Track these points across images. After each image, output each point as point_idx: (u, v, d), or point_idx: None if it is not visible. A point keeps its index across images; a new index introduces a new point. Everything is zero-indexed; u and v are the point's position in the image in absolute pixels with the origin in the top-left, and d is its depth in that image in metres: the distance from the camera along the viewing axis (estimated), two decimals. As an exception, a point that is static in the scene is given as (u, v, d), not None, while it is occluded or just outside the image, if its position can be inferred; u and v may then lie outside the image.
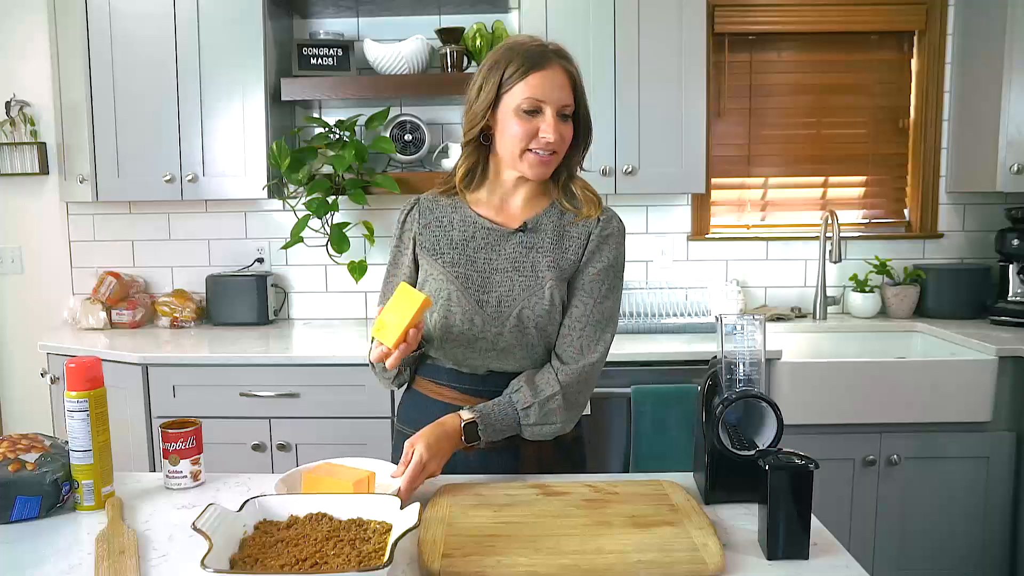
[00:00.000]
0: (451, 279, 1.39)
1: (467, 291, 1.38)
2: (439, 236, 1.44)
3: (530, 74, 1.32)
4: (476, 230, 1.43)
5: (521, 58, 1.33)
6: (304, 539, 1.03)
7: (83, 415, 1.22)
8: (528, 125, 1.33)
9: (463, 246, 1.42)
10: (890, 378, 2.36)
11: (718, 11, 2.87)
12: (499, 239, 1.41)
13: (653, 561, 1.02)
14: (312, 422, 2.41)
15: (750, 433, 1.19)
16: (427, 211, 1.47)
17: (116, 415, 1.40)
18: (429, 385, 1.47)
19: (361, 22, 2.90)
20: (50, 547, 1.11)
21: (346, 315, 3.03)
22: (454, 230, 1.44)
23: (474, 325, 1.38)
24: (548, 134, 1.32)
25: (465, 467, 1.39)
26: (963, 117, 2.86)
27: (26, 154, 2.97)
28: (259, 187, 2.65)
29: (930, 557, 2.44)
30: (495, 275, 1.39)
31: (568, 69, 1.35)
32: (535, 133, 1.33)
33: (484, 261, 1.40)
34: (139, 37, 2.61)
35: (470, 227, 1.43)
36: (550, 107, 1.33)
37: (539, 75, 1.32)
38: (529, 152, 1.35)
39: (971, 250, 2.99)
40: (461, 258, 1.41)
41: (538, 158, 1.35)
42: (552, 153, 1.35)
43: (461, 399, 1.42)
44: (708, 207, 3.00)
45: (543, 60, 1.33)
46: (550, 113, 1.33)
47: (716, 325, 1.20)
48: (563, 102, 1.34)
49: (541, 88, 1.32)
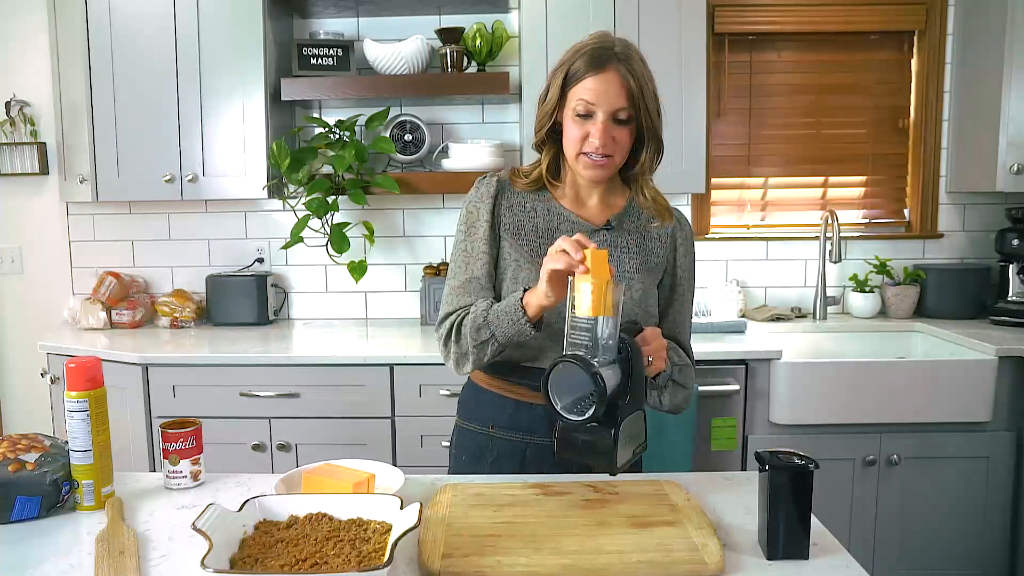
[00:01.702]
0: (534, 266, 1.36)
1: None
2: (523, 221, 1.42)
3: (586, 77, 1.32)
4: (561, 221, 1.42)
5: (582, 60, 1.33)
6: (304, 539, 1.03)
7: (83, 415, 1.22)
8: (581, 128, 1.33)
9: (548, 235, 1.40)
10: (890, 378, 2.36)
11: (718, 11, 2.87)
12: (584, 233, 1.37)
13: (653, 561, 1.02)
14: (312, 422, 2.41)
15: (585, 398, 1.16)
16: (509, 192, 1.44)
17: (116, 415, 1.40)
18: (497, 382, 1.44)
19: (361, 22, 2.90)
20: (50, 547, 1.10)
21: (346, 315, 3.03)
22: (538, 218, 1.42)
23: (560, 319, 1.34)
24: (595, 138, 1.32)
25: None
26: (963, 117, 2.86)
27: (26, 154, 2.97)
28: (259, 187, 2.65)
29: (930, 557, 2.44)
30: None
31: (627, 73, 1.31)
32: (587, 136, 1.33)
33: None
34: (139, 37, 2.61)
35: (555, 217, 1.42)
36: (601, 111, 1.32)
37: (594, 79, 1.31)
38: (583, 155, 1.35)
39: (971, 250, 2.99)
40: (547, 248, 1.35)
41: (591, 161, 1.34)
42: (606, 157, 1.34)
43: (534, 396, 1.38)
44: (708, 207, 3.00)
45: (601, 63, 1.31)
46: (601, 117, 1.32)
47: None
48: (616, 106, 1.31)
49: (594, 92, 1.31)
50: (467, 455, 1.48)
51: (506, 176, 1.46)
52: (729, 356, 2.39)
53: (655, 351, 1.23)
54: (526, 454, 1.41)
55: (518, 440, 1.42)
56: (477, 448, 1.47)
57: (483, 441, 1.46)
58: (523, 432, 1.41)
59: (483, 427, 1.45)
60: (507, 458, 1.42)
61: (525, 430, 1.41)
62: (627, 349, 1.18)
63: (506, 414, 1.42)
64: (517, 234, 1.41)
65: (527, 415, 1.41)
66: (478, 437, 1.47)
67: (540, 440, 1.40)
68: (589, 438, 1.20)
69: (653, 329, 1.26)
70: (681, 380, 1.39)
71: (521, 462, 1.41)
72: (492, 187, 1.44)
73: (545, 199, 1.44)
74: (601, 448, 1.18)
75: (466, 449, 1.49)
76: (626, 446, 1.21)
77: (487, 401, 1.46)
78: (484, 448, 1.45)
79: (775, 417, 2.39)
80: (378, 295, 3.02)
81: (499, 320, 1.30)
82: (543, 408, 1.36)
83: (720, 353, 2.39)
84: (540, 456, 1.40)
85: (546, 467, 1.38)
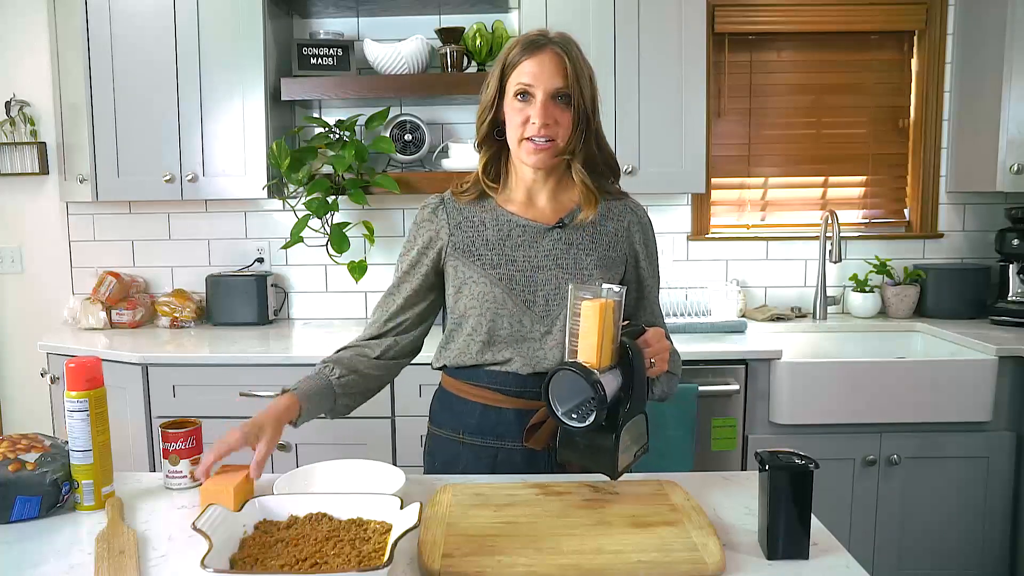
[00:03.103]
0: (494, 281, 1.36)
1: (512, 292, 1.36)
2: (473, 237, 1.39)
3: (522, 61, 1.32)
4: (511, 228, 1.39)
5: (518, 47, 1.33)
6: (304, 539, 1.03)
7: (83, 415, 1.22)
8: (521, 112, 1.32)
9: (499, 245, 1.38)
10: (890, 378, 2.36)
11: (718, 11, 2.87)
12: (536, 236, 1.38)
13: (653, 561, 1.02)
14: (312, 422, 2.39)
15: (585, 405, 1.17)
16: (455, 211, 1.42)
17: (116, 415, 1.40)
18: (466, 387, 1.41)
19: (361, 22, 2.90)
20: (50, 547, 1.10)
21: (346, 315, 3.03)
22: (487, 229, 1.39)
23: (523, 326, 1.36)
24: (536, 118, 1.30)
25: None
26: (963, 117, 2.86)
27: (26, 154, 2.97)
28: (259, 187, 2.65)
29: (930, 557, 2.44)
30: (538, 273, 1.37)
31: (563, 53, 1.31)
32: (528, 119, 1.31)
33: (524, 259, 1.37)
34: (139, 37, 2.61)
35: (504, 225, 1.39)
36: (540, 90, 1.30)
37: (531, 60, 1.31)
38: (526, 141, 1.33)
39: (971, 250, 2.99)
40: (500, 258, 1.37)
41: (534, 146, 1.32)
42: (549, 141, 1.32)
43: (504, 400, 1.38)
44: (708, 207, 3.00)
45: (537, 46, 1.32)
46: (540, 97, 1.30)
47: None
48: (554, 85, 1.30)
49: (531, 73, 1.31)
50: (440, 462, 1.45)
51: (449, 195, 1.44)
52: (729, 356, 2.39)
53: (657, 353, 1.22)
54: (497, 459, 1.38)
55: (487, 445, 1.39)
56: (448, 454, 1.43)
57: (454, 448, 1.42)
58: (492, 437, 1.39)
59: (453, 433, 1.42)
60: (477, 464, 1.39)
61: (493, 435, 1.38)
62: (628, 353, 1.18)
63: (474, 419, 1.39)
64: (468, 251, 1.38)
65: (494, 419, 1.38)
66: (448, 444, 1.43)
67: (511, 445, 1.37)
68: (590, 441, 1.20)
69: (656, 330, 1.25)
70: (672, 369, 1.38)
71: (492, 468, 1.38)
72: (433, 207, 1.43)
73: (492, 208, 1.41)
74: (602, 452, 1.18)
75: (438, 455, 1.46)
76: (627, 449, 1.21)
77: (455, 406, 1.43)
78: (456, 454, 1.42)
79: (775, 417, 2.39)
80: (378, 295, 2.96)
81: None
82: (512, 412, 1.37)
83: (720, 353, 2.38)
84: (511, 461, 1.37)
85: (518, 472, 1.36)
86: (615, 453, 1.18)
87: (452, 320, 1.43)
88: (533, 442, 1.32)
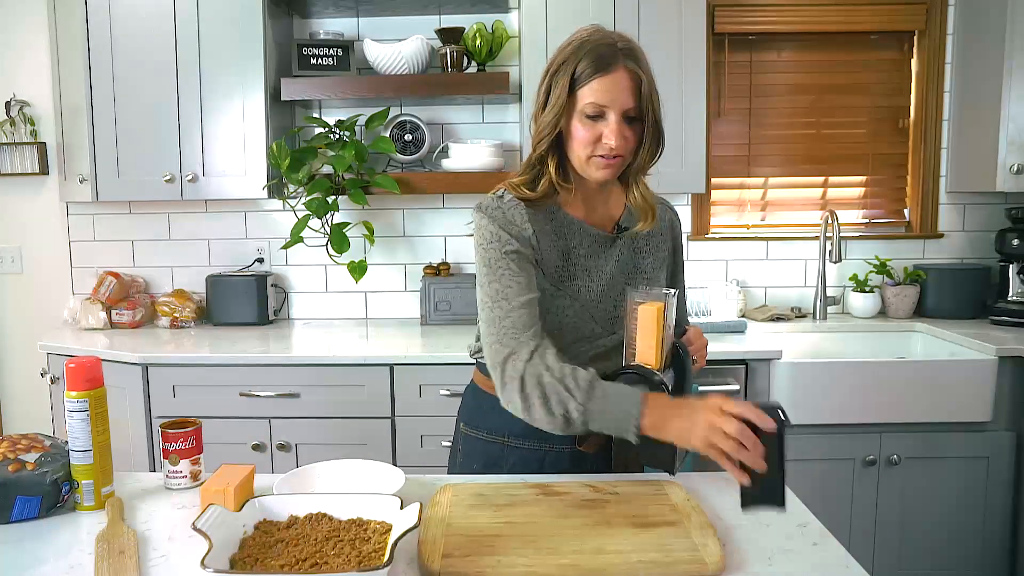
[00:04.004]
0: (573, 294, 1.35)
1: (577, 301, 1.35)
2: (548, 245, 1.35)
3: (594, 78, 1.27)
4: (574, 233, 1.37)
5: (588, 59, 1.28)
6: (304, 539, 1.03)
7: (83, 415, 1.22)
8: (591, 130, 1.29)
9: (565, 252, 1.36)
10: (890, 378, 2.36)
11: (718, 11, 2.87)
12: (603, 244, 1.38)
13: (653, 561, 1.02)
14: (312, 422, 2.41)
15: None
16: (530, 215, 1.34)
17: (116, 415, 1.40)
18: None
19: (361, 22, 2.90)
20: (50, 547, 1.10)
21: (346, 315, 3.03)
22: (554, 235, 1.36)
23: (593, 333, 1.36)
24: (610, 139, 1.28)
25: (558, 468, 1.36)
26: (963, 117, 2.86)
27: (26, 154, 2.98)
28: (259, 187, 2.65)
29: (930, 557, 2.44)
30: (604, 280, 1.37)
31: (635, 71, 1.27)
32: (599, 138, 1.29)
33: (595, 269, 1.37)
34: (139, 37, 2.61)
35: (567, 230, 1.37)
36: (614, 111, 1.28)
37: (604, 79, 1.26)
38: (595, 157, 1.31)
39: (971, 250, 2.99)
40: (569, 267, 1.35)
41: (603, 161, 1.31)
42: (617, 157, 1.31)
43: None
44: (708, 207, 3.00)
45: (609, 63, 1.27)
46: (613, 118, 1.28)
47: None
48: (627, 105, 1.27)
49: (606, 93, 1.27)
50: (479, 464, 1.44)
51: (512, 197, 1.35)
52: (729, 356, 2.39)
53: (699, 350, 1.30)
54: (544, 462, 1.38)
55: (536, 448, 1.38)
56: (489, 458, 1.42)
57: (496, 451, 1.41)
58: (540, 440, 1.36)
59: (496, 437, 1.41)
60: (524, 467, 1.38)
61: (542, 438, 1.34)
62: (679, 352, 1.25)
63: (521, 422, 1.30)
64: (546, 260, 1.34)
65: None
66: (490, 447, 1.42)
67: (560, 447, 1.36)
68: (648, 439, 1.19)
69: (695, 329, 1.33)
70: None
71: (540, 471, 1.37)
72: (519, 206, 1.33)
73: (554, 212, 1.37)
74: (661, 447, 1.20)
75: (477, 458, 1.44)
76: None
77: (496, 408, 1.32)
78: (498, 458, 1.41)
79: (775, 417, 2.39)
80: (378, 295, 3.02)
81: (604, 406, 1.18)
82: None
83: (720, 353, 2.38)
84: (559, 464, 1.37)
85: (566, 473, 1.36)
86: (674, 448, 1.21)
87: None
88: (587, 445, 1.32)
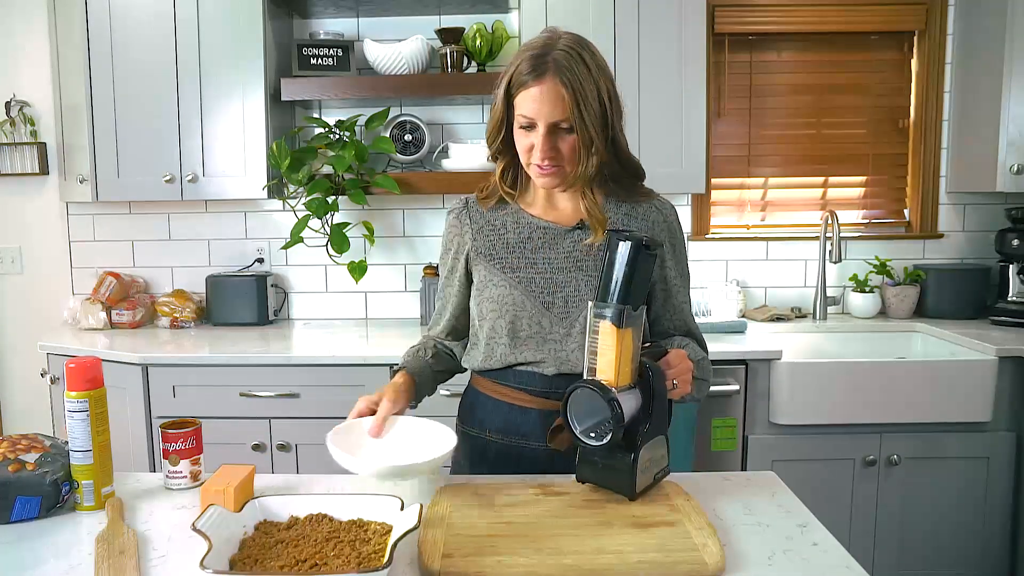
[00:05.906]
0: (513, 283, 1.37)
1: (531, 294, 1.36)
2: (494, 240, 1.41)
3: (525, 88, 1.28)
4: (532, 231, 1.40)
5: (522, 68, 1.28)
6: (304, 540, 1.03)
7: (83, 415, 1.22)
8: (527, 139, 1.31)
9: (520, 248, 1.39)
10: (890, 378, 2.36)
11: (718, 11, 2.87)
12: (556, 238, 1.39)
13: (653, 561, 1.02)
14: (312, 422, 2.40)
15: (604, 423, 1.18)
16: (478, 215, 1.44)
17: (116, 415, 1.40)
18: (494, 387, 1.43)
19: (361, 22, 2.90)
20: (50, 547, 1.10)
21: (346, 315, 3.03)
22: (508, 232, 1.41)
23: (542, 328, 1.36)
24: (537, 150, 1.29)
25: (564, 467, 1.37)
26: (963, 117, 2.86)
27: (26, 154, 2.98)
28: (259, 187, 2.65)
29: (930, 557, 2.44)
30: (558, 275, 1.37)
31: (565, 82, 1.25)
32: (532, 147, 1.30)
33: (544, 261, 1.38)
34: (139, 37, 2.61)
35: (525, 228, 1.40)
36: (541, 123, 1.28)
37: (533, 90, 1.26)
38: (532, 165, 1.32)
39: (971, 250, 2.99)
40: (520, 261, 1.38)
41: (539, 170, 1.32)
42: (555, 166, 1.31)
43: (529, 401, 1.39)
44: (708, 207, 3.00)
45: (539, 72, 1.26)
46: (541, 130, 1.28)
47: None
48: (553, 118, 1.26)
49: (533, 104, 1.27)
50: (466, 459, 1.49)
51: (473, 198, 1.46)
52: (729, 356, 2.39)
53: (679, 374, 1.22)
54: (521, 457, 1.40)
55: (513, 444, 1.41)
56: (475, 452, 1.47)
57: (481, 445, 1.46)
58: (517, 436, 1.41)
59: (481, 431, 1.46)
60: (504, 460, 1.42)
61: (518, 434, 1.40)
62: (648, 374, 1.18)
63: (500, 417, 1.42)
64: (490, 255, 1.40)
65: (519, 419, 1.40)
66: (476, 441, 1.47)
67: (535, 445, 1.39)
68: (609, 462, 1.20)
69: (678, 352, 1.25)
70: (702, 375, 1.38)
71: (516, 466, 1.40)
72: (458, 212, 1.46)
73: (513, 211, 1.42)
74: (620, 472, 1.19)
75: (466, 453, 1.49)
76: (646, 470, 1.21)
77: (484, 405, 1.46)
78: (483, 451, 1.45)
79: (775, 417, 2.39)
80: (378, 295, 3.02)
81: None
82: (536, 413, 1.38)
83: (720, 353, 2.38)
84: (534, 460, 1.39)
85: (541, 472, 1.37)
86: (633, 474, 1.18)
87: (475, 323, 1.45)
88: (556, 443, 1.33)
